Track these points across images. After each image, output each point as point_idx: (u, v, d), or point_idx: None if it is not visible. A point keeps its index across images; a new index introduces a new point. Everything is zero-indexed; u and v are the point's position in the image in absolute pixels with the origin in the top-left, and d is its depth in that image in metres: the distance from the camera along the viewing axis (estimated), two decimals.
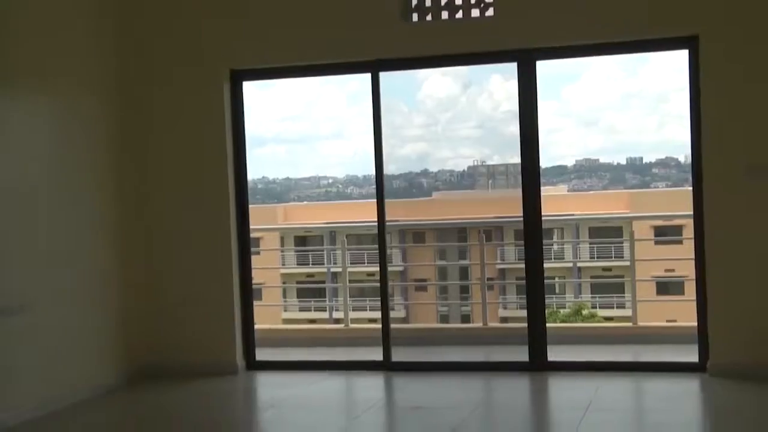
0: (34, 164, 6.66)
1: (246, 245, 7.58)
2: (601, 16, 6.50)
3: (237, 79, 7.48)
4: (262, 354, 7.65)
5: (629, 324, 9.41)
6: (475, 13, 6.63)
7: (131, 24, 7.67)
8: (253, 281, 8.06)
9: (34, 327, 6.33)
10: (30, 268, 6.42)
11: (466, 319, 11.16)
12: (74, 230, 6.97)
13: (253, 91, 6.42)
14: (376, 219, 7.42)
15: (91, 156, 7.31)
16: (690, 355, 6.67)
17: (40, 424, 6.12)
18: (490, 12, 6.59)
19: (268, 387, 7.33)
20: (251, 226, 7.84)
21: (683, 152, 5.41)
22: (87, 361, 6.95)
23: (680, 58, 6.50)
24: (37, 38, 6.64)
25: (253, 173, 8.98)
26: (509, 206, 9.67)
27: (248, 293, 7.62)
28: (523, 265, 7.31)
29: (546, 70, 7.47)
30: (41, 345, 6.44)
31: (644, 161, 11.48)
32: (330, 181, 12.09)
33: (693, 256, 6.60)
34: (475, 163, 12.91)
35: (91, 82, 7.42)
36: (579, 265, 11.35)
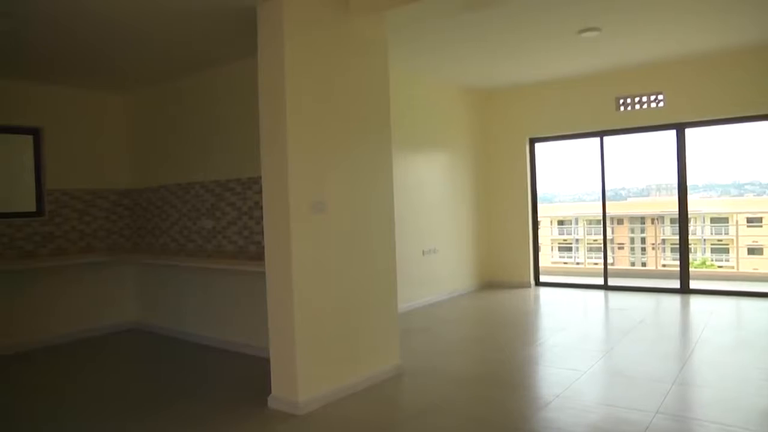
0: (434, 186, 8.82)
1: (536, 223, 9.97)
2: (716, 105, 8.18)
3: (532, 142, 9.85)
4: (542, 278, 9.97)
5: (733, 270, 11.51)
6: (653, 105, 8.67)
7: (483, 112, 9.86)
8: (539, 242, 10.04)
9: (440, 259, 8.75)
10: (438, 233, 8.71)
11: (644, 265, 12.41)
12: (455, 216, 9.21)
13: (540, 146, 9.43)
14: (601, 211, 9.46)
15: (461, 182, 9.41)
16: (766, 288, 8.44)
17: (441, 303, 8.47)
18: (661, 105, 8.58)
19: (545, 294, 9.23)
20: (538, 214, 10.23)
21: (766, 177, 7.29)
22: (461, 278, 9.37)
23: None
24: (433, 121, 8.65)
25: (539, 190, 10.17)
26: (668, 205, 10.51)
27: (537, 247, 10.01)
28: (676, 237, 9.03)
29: (690, 133, 8.66)
30: (442, 268, 8.79)
31: (739, 182, 14.06)
32: (575, 193, 14.85)
33: None
34: (650, 183, 15.14)
35: (462, 144, 9.45)
36: (704, 237, 12.89)
